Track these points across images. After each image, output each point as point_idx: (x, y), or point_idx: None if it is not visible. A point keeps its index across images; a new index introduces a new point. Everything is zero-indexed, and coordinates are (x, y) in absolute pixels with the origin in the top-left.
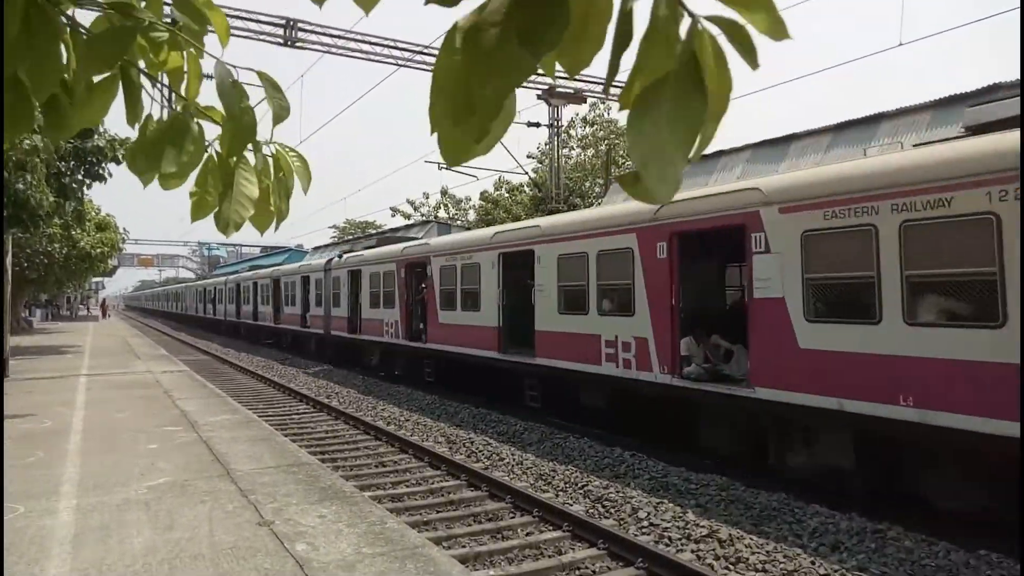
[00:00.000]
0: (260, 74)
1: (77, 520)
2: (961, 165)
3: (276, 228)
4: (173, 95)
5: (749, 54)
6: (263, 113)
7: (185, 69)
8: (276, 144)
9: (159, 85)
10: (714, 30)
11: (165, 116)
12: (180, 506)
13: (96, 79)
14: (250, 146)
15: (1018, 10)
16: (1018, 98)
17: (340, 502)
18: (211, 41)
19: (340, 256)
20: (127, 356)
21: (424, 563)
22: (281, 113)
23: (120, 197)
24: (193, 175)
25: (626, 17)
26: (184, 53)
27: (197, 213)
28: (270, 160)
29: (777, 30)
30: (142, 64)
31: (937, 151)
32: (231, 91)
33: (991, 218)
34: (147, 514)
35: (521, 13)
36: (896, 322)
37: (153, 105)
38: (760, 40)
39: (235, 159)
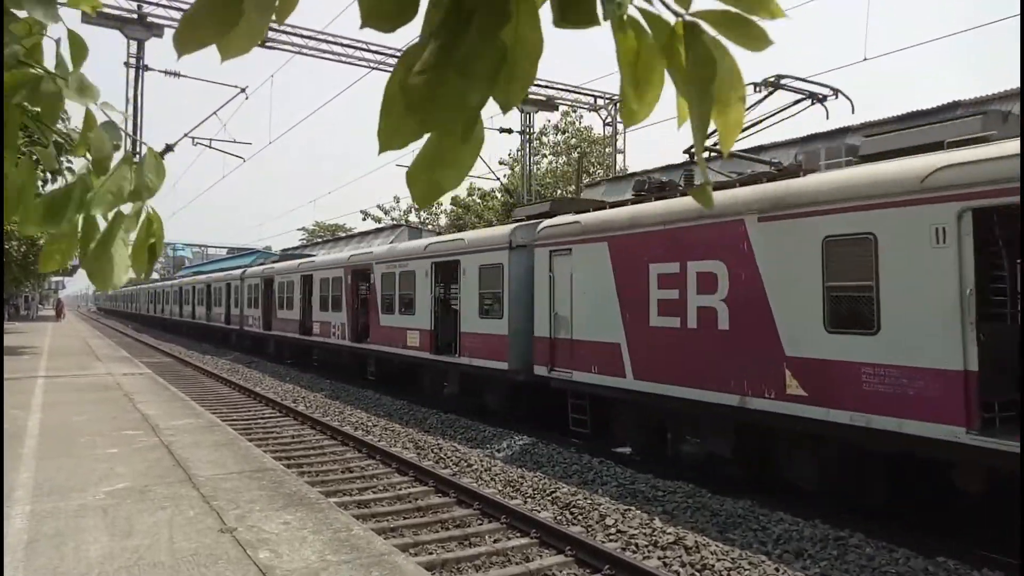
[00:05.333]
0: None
1: (31, 526)
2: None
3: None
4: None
5: (751, 38)
6: None
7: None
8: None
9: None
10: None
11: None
12: (139, 512)
13: None
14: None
15: (972, 31)
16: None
17: (305, 508)
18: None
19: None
20: (87, 357)
21: (390, 570)
22: (153, 187)
23: None
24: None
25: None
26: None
27: (49, 263)
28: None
29: (772, 10)
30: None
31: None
32: (108, 148)
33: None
34: (105, 520)
35: (459, 47)
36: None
37: None
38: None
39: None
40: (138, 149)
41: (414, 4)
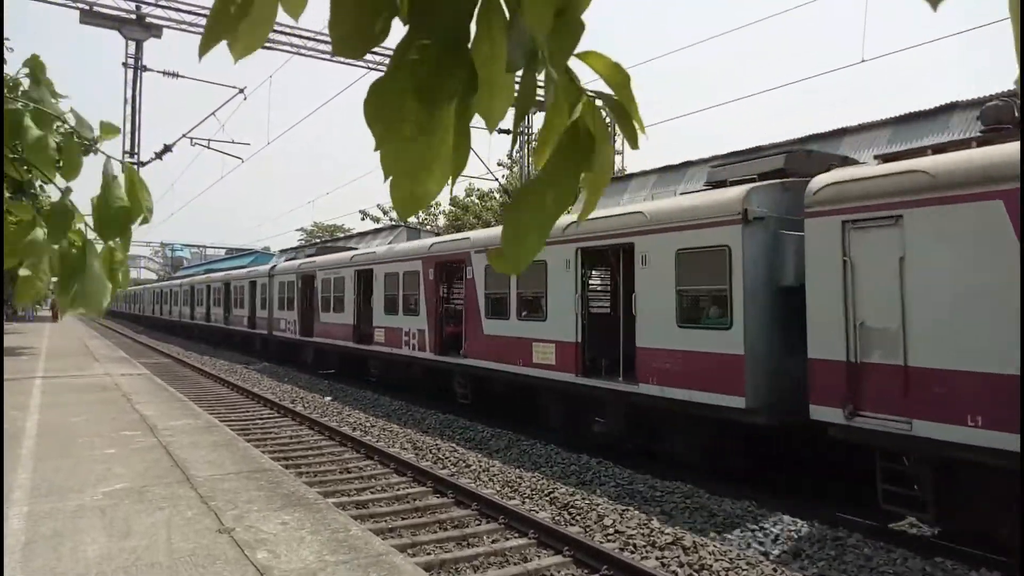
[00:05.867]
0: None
1: (28, 527)
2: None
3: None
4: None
5: (628, 132)
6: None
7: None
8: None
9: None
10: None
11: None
12: (137, 513)
13: None
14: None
15: (974, 31)
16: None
17: (303, 509)
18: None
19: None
20: (85, 358)
21: (388, 571)
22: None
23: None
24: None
25: (528, 86)
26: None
27: (24, 295)
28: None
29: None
30: None
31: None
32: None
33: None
34: (102, 521)
35: (422, 70)
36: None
37: None
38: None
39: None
40: (137, 150)
41: (383, 32)
